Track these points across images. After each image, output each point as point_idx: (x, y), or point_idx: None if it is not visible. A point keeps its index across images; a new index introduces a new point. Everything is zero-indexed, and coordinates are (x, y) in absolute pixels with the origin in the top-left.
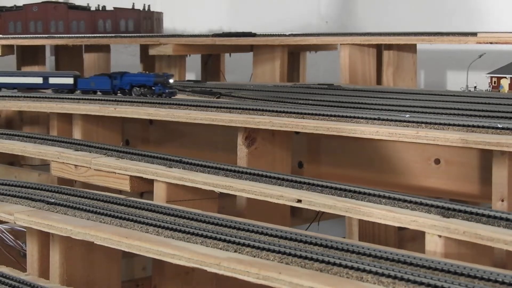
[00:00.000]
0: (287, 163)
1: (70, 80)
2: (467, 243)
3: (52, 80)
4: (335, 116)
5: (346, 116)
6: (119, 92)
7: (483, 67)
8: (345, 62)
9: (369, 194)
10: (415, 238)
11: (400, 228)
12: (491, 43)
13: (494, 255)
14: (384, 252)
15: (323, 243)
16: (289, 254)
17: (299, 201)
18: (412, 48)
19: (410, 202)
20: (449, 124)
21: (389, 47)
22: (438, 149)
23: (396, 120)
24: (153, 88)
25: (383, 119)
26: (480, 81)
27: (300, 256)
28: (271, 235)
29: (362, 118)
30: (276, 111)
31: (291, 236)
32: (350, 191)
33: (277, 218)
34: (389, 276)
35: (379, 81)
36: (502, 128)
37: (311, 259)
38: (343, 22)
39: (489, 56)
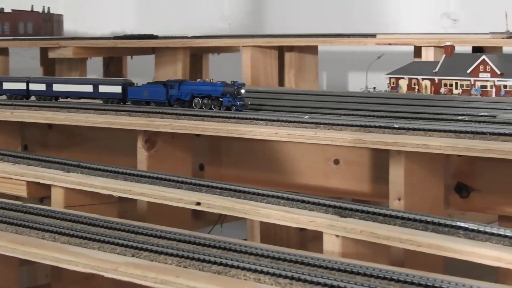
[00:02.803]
0: (188, 166)
1: (118, 89)
2: (364, 242)
3: (101, 89)
4: (235, 118)
5: (246, 118)
6: (175, 103)
7: (383, 67)
8: (247, 64)
9: (268, 196)
10: (316, 239)
11: (301, 229)
12: (389, 44)
13: (391, 254)
14: (282, 253)
15: (222, 246)
16: (187, 258)
17: (198, 203)
18: (313, 50)
19: (309, 202)
20: (347, 125)
21: (291, 49)
22: (337, 150)
23: (295, 122)
24: (220, 99)
25: (282, 120)
26: (380, 81)
27: (198, 259)
28: (169, 239)
29: (261, 119)
30: (176, 114)
31: (190, 239)
32: (249, 192)
33: (178, 221)
34: (286, 277)
35: (281, 82)
36: (399, 128)
37: (209, 262)
38: (247, 24)
39: (388, 57)
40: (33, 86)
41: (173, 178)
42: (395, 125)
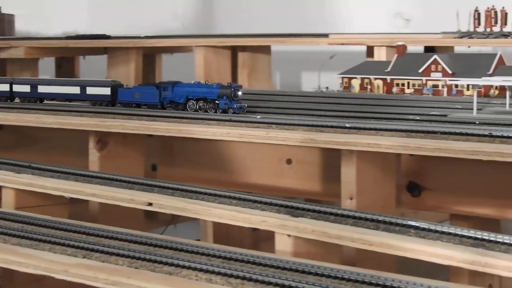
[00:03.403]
0: (140, 166)
1: (107, 91)
2: (316, 241)
3: (89, 91)
4: (186, 118)
5: (198, 118)
6: (169, 106)
7: (335, 67)
8: (200, 64)
9: (221, 196)
10: (269, 238)
11: (254, 229)
12: (342, 44)
13: (344, 253)
14: (234, 253)
15: (174, 246)
16: (139, 258)
17: (150, 204)
18: (266, 50)
19: (261, 202)
20: (299, 125)
21: (244, 48)
22: (289, 149)
23: (247, 121)
24: (217, 102)
25: (234, 120)
26: (332, 81)
27: (150, 260)
28: (121, 240)
29: (213, 119)
30: (128, 114)
31: (142, 240)
32: (201, 193)
33: (131, 222)
34: (237, 277)
35: (234, 82)
36: (350, 128)
37: (161, 262)
38: (200, 23)
39: (340, 57)
40: (17, 88)
41: (125, 178)
42: (347, 125)
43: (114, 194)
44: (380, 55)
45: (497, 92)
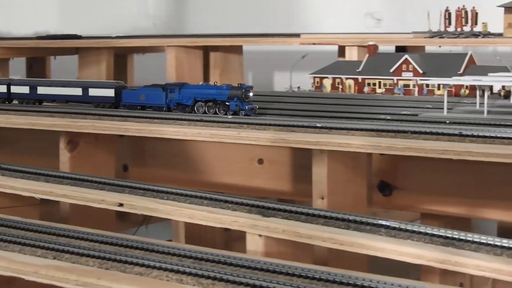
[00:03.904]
0: (111, 167)
1: (110, 92)
2: (287, 241)
3: (91, 92)
4: (158, 118)
5: (169, 118)
6: (175, 108)
7: (307, 67)
8: (172, 64)
9: (192, 196)
10: (241, 238)
11: (226, 229)
12: (313, 44)
13: (315, 253)
14: (205, 253)
15: (145, 247)
16: (109, 259)
17: (121, 205)
18: (238, 50)
19: (232, 202)
20: (270, 124)
21: (216, 48)
22: (261, 149)
23: (218, 122)
24: (227, 103)
25: (205, 121)
26: (304, 81)
27: (121, 261)
28: (92, 241)
29: (185, 119)
30: (99, 115)
31: (113, 241)
32: (173, 193)
33: (102, 222)
34: (208, 277)
35: (206, 82)
36: (321, 128)
37: (132, 263)
38: (172, 23)
39: (312, 57)
40: (15, 89)
41: (95, 179)
42: (318, 125)
43: (85, 195)
44: (352, 55)
45: (467, 91)
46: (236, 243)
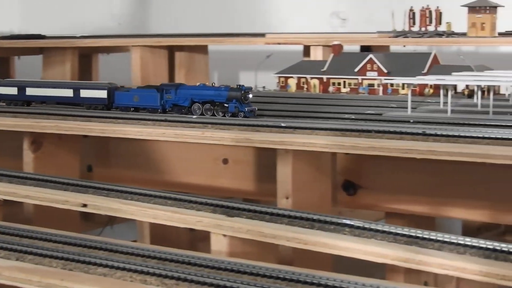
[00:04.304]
0: (75, 167)
1: (103, 94)
2: (251, 241)
3: (83, 93)
4: (122, 118)
5: (134, 119)
6: (170, 110)
7: (272, 67)
8: (136, 64)
9: (156, 196)
10: (206, 239)
11: (191, 229)
12: (279, 43)
13: (280, 253)
14: (169, 254)
15: (109, 248)
16: (73, 260)
17: (85, 205)
18: (203, 49)
19: (196, 202)
20: (235, 124)
21: (181, 48)
22: (225, 149)
23: (182, 121)
24: (225, 105)
25: (170, 121)
26: (269, 80)
27: (84, 262)
28: (55, 242)
29: (149, 120)
30: (63, 115)
31: (76, 242)
32: (137, 193)
33: (66, 223)
34: (172, 277)
35: (171, 82)
36: (286, 127)
37: (95, 264)
38: (137, 23)
39: (277, 56)
40: (2, 90)
41: (59, 179)
42: (283, 124)
43: (49, 196)
44: (317, 54)
45: (431, 91)
46: (201, 243)
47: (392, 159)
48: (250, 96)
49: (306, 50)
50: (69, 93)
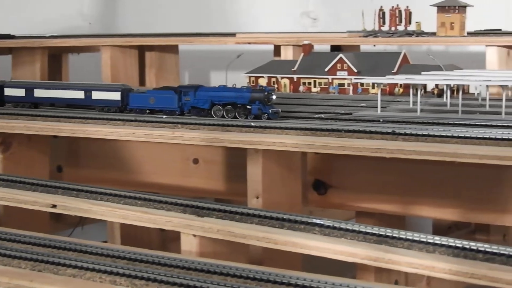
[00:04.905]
0: (45, 168)
1: (116, 96)
2: (221, 241)
3: (95, 95)
4: (91, 118)
5: (104, 119)
6: (189, 112)
7: (243, 66)
8: (107, 64)
9: (126, 197)
10: (177, 239)
11: (162, 229)
12: (249, 43)
13: (250, 252)
14: (139, 254)
15: (78, 248)
16: (42, 261)
17: (54, 206)
18: (174, 49)
19: (166, 203)
20: (205, 124)
21: (151, 48)
22: (196, 149)
23: (152, 121)
24: (248, 107)
25: (140, 121)
26: (240, 80)
27: (53, 263)
28: (24, 243)
29: (119, 120)
30: (32, 115)
31: (46, 243)
32: (107, 194)
33: (36, 224)
34: (142, 278)
35: (142, 82)
36: (256, 127)
37: (64, 265)
38: (107, 23)
39: (248, 56)
40: (9, 91)
41: (29, 180)
42: (253, 124)
43: (17, 196)
44: (287, 54)
45: (401, 90)
46: (172, 243)
47: (362, 158)
48: (274, 97)
49: (277, 50)
50: (80, 95)
